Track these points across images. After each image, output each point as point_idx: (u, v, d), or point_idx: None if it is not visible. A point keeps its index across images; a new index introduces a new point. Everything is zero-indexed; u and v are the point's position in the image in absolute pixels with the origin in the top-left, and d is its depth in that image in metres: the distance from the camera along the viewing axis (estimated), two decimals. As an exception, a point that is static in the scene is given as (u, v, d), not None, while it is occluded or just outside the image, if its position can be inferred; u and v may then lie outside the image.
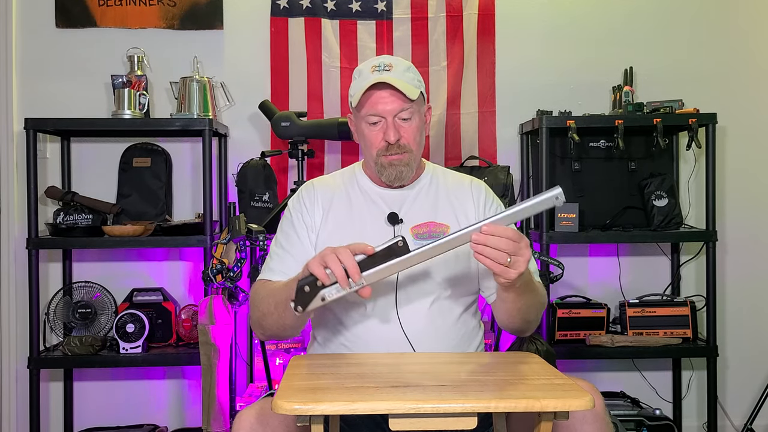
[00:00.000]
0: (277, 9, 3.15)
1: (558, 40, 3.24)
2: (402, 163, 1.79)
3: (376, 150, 1.80)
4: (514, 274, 1.49)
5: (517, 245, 1.46)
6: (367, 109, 1.79)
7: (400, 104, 1.78)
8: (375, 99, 1.78)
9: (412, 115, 1.80)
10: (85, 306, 2.90)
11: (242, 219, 2.65)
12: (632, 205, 3.08)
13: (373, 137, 1.80)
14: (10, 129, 3.08)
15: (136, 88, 2.93)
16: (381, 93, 1.77)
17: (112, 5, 3.12)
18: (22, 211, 2.94)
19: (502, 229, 1.45)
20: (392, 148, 1.78)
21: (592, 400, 1.26)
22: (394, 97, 1.77)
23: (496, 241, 1.45)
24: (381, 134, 1.79)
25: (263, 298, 1.74)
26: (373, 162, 1.82)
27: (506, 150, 3.22)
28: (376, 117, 1.78)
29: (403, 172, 1.80)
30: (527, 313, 1.73)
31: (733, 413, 3.26)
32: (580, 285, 3.21)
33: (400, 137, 1.78)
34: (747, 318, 3.30)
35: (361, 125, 1.83)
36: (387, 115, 1.78)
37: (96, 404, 3.13)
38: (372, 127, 1.80)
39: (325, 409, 1.24)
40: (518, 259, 1.48)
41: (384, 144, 1.78)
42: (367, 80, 1.78)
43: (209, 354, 2.63)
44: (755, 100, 3.29)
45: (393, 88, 1.76)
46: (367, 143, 1.82)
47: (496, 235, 1.44)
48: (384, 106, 1.77)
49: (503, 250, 1.45)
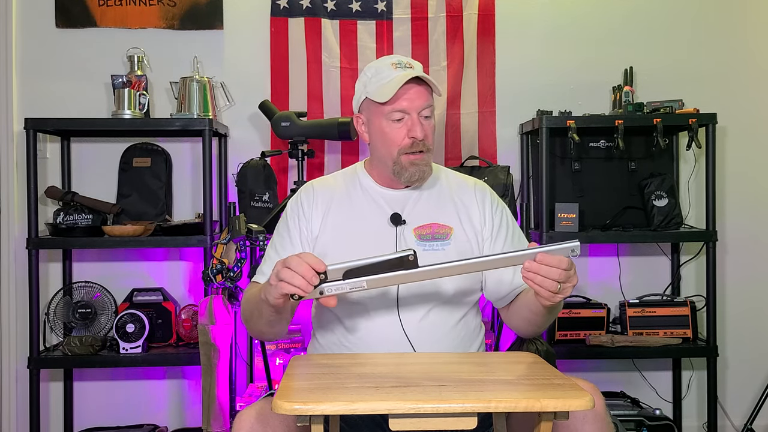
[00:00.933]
0: (277, 9, 3.15)
1: (558, 40, 3.24)
2: (424, 163, 1.78)
3: (398, 148, 1.77)
4: (560, 298, 1.52)
5: (567, 274, 1.49)
6: (395, 105, 1.76)
7: (427, 100, 1.77)
8: (403, 94, 1.75)
9: (432, 113, 1.80)
10: (85, 306, 2.90)
11: (242, 219, 2.65)
12: (632, 205, 3.08)
13: (395, 134, 1.77)
14: (10, 129, 3.08)
15: (136, 88, 2.93)
16: (410, 89, 1.76)
17: (112, 5, 3.12)
18: (22, 211, 2.94)
19: (557, 260, 1.46)
20: (417, 146, 1.76)
21: (592, 400, 1.26)
22: (422, 93, 1.76)
23: (548, 271, 1.47)
24: (404, 131, 1.76)
25: (244, 304, 1.78)
26: (391, 161, 1.79)
27: (506, 150, 3.21)
28: (400, 113, 1.76)
29: (425, 172, 1.79)
30: (547, 322, 1.75)
31: (733, 413, 3.26)
32: (580, 285, 3.20)
33: (426, 135, 1.77)
34: (747, 318, 3.30)
35: (380, 122, 1.79)
36: (413, 111, 1.76)
37: (96, 404, 3.13)
38: (394, 124, 1.77)
39: (325, 409, 1.24)
40: (567, 286, 1.51)
41: (409, 141, 1.76)
42: (395, 74, 1.75)
43: (209, 354, 2.63)
44: (755, 100, 3.29)
45: (420, 85, 1.76)
46: (387, 140, 1.78)
47: (549, 265, 1.46)
48: (412, 102, 1.76)
49: (556, 279, 1.48)
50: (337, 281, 1.48)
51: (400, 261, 1.48)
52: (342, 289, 1.48)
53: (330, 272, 1.48)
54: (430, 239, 1.79)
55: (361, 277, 1.47)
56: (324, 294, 1.48)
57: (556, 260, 1.46)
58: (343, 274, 1.48)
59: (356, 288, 1.48)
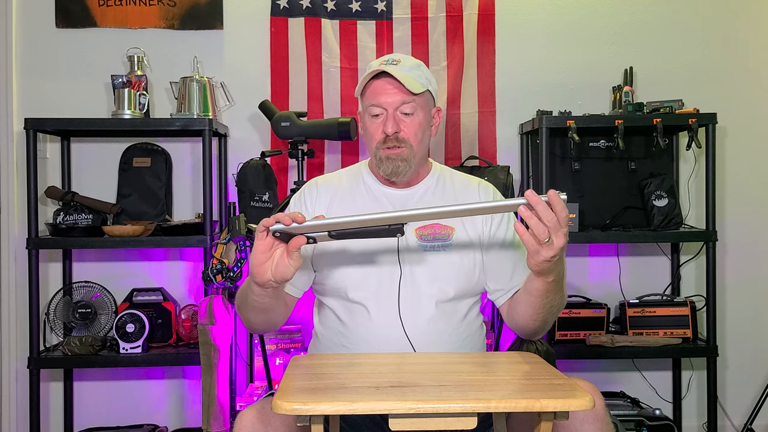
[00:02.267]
0: (277, 9, 3.15)
1: (558, 41, 3.24)
2: (399, 158, 1.78)
3: (376, 142, 1.80)
4: (543, 257, 1.48)
5: (558, 226, 1.45)
6: (370, 99, 1.80)
7: (402, 97, 1.78)
8: (377, 89, 1.79)
9: (414, 110, 1.80)
10: (85, 306, 2.90)
11: (242, 219, 2.65)
12: (632, 205, 3.08)
13: (374, 129, 1.81)
14: (10, 129, 3.08)
15: (136, 88, 2.93)
16: (384, 85, 1.78)
17: (112, 5, 3.12)
18: (22, 211, 2.94)
19: (562, 205, 1.44)
20: (390, 141, 1.77)
21: (592, 400, 1.26)
22: (397, 90, 1.77)
23: (544, 211, 1.44)
24: (381, 126, 1.79)
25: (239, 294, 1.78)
26: (373, 156, 1.83)
27: (506, 150, 3.22)
28: (378, 108, 1.79)
29: (400, 167, 1.79)
30: (550, 311, 1.71)
31: (733, 413, 3.26)
32: (580, 285, 3.21)
33: (400, 130, 1.78)
34: (747, 318, 3.30)
35: (364, 117, 1.84)
36: (388, 107, 1.78)
37: (96, 404, 3.13)
38: (374, 120, 1.80)
39: (325, 409, 1.24)
40: (554, 241, 1.47)
41: (382, 136, 1.78)
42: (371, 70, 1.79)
43: (209, 354, 2.63)
44: (755, 100, 3.29)
45: (397, 81, 1.76)
46: (368, 135, 1.83)
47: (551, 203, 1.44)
48: (386, 98, 1.78)
49: (547, 223, 1.44)
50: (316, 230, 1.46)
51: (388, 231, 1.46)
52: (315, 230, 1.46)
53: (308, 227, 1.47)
54: (431, 240, 1.79)
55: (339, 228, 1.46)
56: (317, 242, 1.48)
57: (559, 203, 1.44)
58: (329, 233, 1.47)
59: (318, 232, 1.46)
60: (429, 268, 1.76)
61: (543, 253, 1.48)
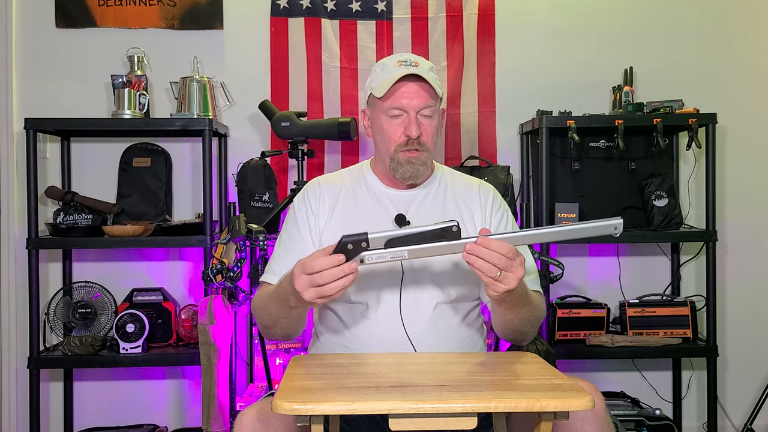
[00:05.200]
0: (277, 9, 3.15)
1: (558, 40, 3.24)
2: (419, 162, 1.78)
3: (395, 145, 1.78)
4: (503, 288, 1.47)
5: (510, 262, 1.45)
6: (392, 102, 1.77)
7: (426, 100, 1.77)
8: (402, 92, 1.76)
9: (433, 114, 1.80)
10: (85, 306, 2.90)
11: (242, 219, 2.65)
12: (632, 205, 3.08)
13: (392, 131, 1.78)
14: (10, 129, 3.08)
15: (136, 88, 2.93)
16: (409, 87, 1.76)
17: (112, 5, 3.12)
18: (22, 211, 2.94)
19: (497, 244, 1.44)
20: (412, 144, 1.76)
21: (592, 400, 1.26)
22: (422, 93, 1.76)
23: (488, 254, 1.44)
24: (401, 128, 1.77)
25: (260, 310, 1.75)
26: (388, 158, 1.80)
27: (506, 150, 3.21)
28: (399, 110, 1.77)
29: (419, 171, 1.79)
30: (520, 326, 1.71)
31: (733, 413, 3.26)
32: (580, 285, 3.21)
33: (421, 134, 1.77)
34: (747, 318, 3.30)
35: (380, 118, 1.80)
36: (411, 110, 1.76)
37: (96, 404, 3.13)
38: (392, 121, 1.78)
39: (325, 409, 1.24)
40: (508, 275, 1.46)
41: (404, 139, 1.76)
42: (396, 72, 1.76)
43: (209, 354, 2.63)
44: (755, 100, 3.29)
45: (420, 84, 1.76)
46: (385, 137, 1.79)
47: (489, 248, 1.43)
48: (410, 101, 1.76)
49: (495, 264, 1.44)
50: (378, 250, 1.45)
51: (443, 232, 1.45)
52: (383, 258, 1.45)
53: (371, 240, 1.45)
54: None
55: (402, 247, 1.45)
56: (365, 262, 1.45)
57: (496, 244, 1.44)
58: (385, 243, 1.45)
59: (397, 257, 1.45)
60: (430, 269, 1.76)
61: (500, 286, 1.48)
